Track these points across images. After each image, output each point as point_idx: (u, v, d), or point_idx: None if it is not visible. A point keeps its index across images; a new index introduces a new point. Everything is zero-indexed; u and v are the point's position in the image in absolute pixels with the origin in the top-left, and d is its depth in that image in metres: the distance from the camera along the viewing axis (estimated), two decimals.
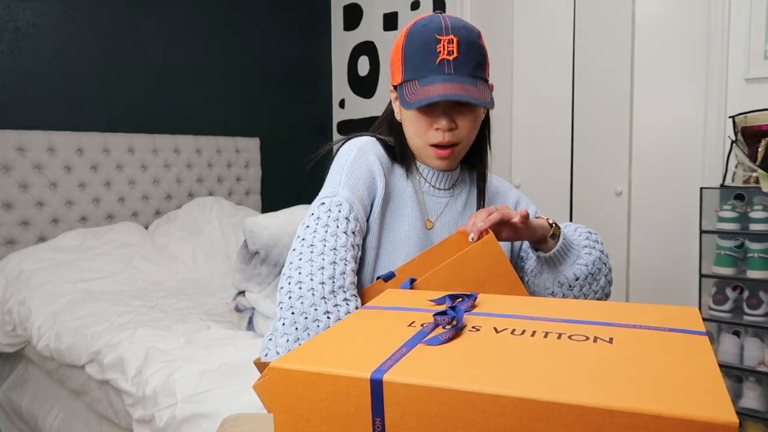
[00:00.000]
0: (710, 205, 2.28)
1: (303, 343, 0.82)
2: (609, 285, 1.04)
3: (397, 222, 0.99)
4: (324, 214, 0.92)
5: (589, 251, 1.00)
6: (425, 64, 0.91)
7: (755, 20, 2.28)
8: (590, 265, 0.99)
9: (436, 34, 0.91)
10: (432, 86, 0.89)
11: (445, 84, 0.89)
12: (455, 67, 0.91)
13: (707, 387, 0.45)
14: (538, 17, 2.95)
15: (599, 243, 1.03)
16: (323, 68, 3.87)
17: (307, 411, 0.54)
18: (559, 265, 0.99)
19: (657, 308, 0.66)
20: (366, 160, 0.98)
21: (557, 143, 2.93)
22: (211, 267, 2.71)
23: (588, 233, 1.03)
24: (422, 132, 0.96)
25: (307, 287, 0.84)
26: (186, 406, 1.43)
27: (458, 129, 0.96)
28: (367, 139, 1.02)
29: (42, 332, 2.01)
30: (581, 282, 0.99)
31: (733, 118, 2.25)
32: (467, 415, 0.47)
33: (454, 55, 0.91)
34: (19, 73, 2.53)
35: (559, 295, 1.01)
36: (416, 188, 1.03)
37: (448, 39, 0.91)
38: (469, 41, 0.93)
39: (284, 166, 3.61)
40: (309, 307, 0.83)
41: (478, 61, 0.94)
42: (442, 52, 0.90)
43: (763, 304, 2.10)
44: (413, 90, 0.91)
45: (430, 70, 0.91)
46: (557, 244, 0.97)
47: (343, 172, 0.96)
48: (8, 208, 2.50)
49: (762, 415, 2.08)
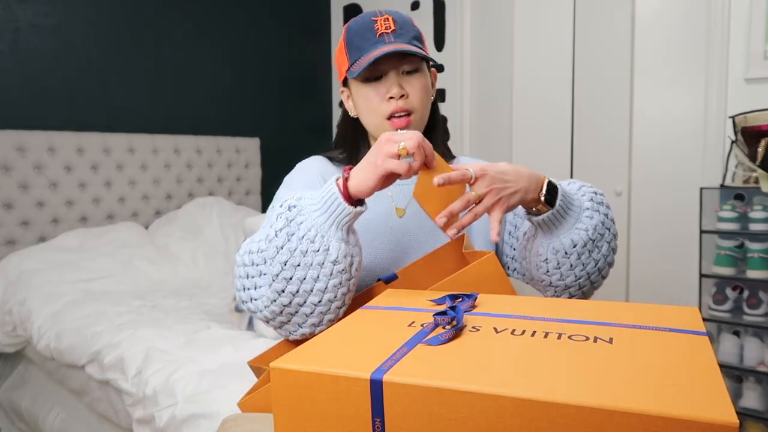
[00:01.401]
0: (710, 205, 2.28)
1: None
2: (612, 253, 0.93)
3: (360, 221, 0.98)
4: (269, 212, 0.94)
5: (590, 214, 0.89)
6: (366, 40, 0.96)
7: (755, 20, 2.28)
8: (591, 230, 0.89)
9: (371, 17, 0.97)
10: (374, 53, 0.93)
11: (386, 46, 0.94)
12: (395, 36, 0.96)
13: (707, 387, 0.45)
14: (538, 17, 2.95)
15: (604, 205, 0.92)
16: (323, 68, 3.87)
17: (307, 411, 0.54)
18: (555, 229, 0.89)
19: (657, 308, 0.66)
20: (303, 172, 1.03)
21: (557, 143, 2.93)
22: (211, 267, 2.71)
23: (593, 194, 0.92)
24: (375, 105, 0.98)
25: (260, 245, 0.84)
26: (186, 406, 1.43)
27: (409, 97, 0.98)
28: (311, 159, 1.07)
29: (42, 332, 2.01)
30: (579, 249, 0.89)
31: (733, 118, 2.25)
32: (467, 415, 0.47)
33: (392, 28, 0.96)
34: (19, 73, 2.53)
35: (552, 263, 0.90)
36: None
37: (384, 18, 0.97)
38: (403, 19, 0.98)
39: (284, 166, 3.59)
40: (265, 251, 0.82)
41: (415, 33, 0.99)
42: (380, 28, 0.96)
43: (763, 304, 2.10)
44: (359, 64, 0.95)
45: (371, 44, 0.95)
46: (553, 208, 0.87)
47: (282, 188, 1.03)
48: (8, 208, 2.50)
49: (762, 415, 2.08)
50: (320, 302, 0.80)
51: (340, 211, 0.79)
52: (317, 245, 0.78)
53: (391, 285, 0.89)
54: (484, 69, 3.23)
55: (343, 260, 0.79)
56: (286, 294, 0.80)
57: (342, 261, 0.79)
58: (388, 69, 0.96)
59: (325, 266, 0.78)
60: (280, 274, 0.79)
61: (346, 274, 0.80)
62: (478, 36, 3.23)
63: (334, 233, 0.79)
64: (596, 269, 0.92)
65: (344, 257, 0.79)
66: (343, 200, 0.79)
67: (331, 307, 0.81)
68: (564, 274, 0.90)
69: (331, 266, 0.78)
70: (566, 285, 0.92)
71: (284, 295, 0.80)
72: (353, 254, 0.81)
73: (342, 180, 0.80)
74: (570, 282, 0.91)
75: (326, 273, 0.78)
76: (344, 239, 0.80)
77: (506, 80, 3.10)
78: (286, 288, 0.79)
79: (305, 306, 0.80)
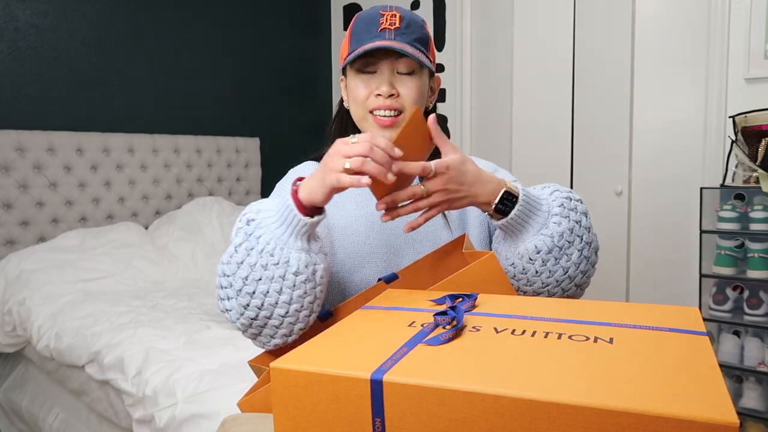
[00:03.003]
0: (710, 205, 2.28)
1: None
2: (586, 261, 0.89)
3: (352, 225, 0.99)
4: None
5: (558, 220, 0.87)
6: (368, 32, 0.94)
7: (755, 20, 2.28)
8: (556, 237, 0.86)
9: (380, 10, 0.95)
10: (371, 44, 0.92)
11: (384, 41, 0.92)
12: (396, 35, 0.93)
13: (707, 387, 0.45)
14: (538, 17, 2.95)
15: (576, 212, 0.89)
16: (323, 68, 3.87)
17: (307, 411, 0.54)
18: (519, 234, 0.87)
19: (657, 308, 0.66)
20: (290, 179, 1.03)
21: (557, 143, 2.93)
22: (211, 267, 2.71)
23: (566, 199, 0.89)
24: (363, 98, 0.97)
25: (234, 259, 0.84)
26: (186, 406, 1.43)
27: (400, 97, 0.96)
28: (303, 164, 1.07)
29: (42, 332, 2.01)
30: (544, 255, 0.86)
31: (733, 118, 2.25)
32: (467, 415, 0.47)
33: (396, 26, 0.94)
34: (19, 73, 2.53)
35: (519, 267, 0.88)
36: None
37: (391, 14, 0.94)
38: (412, 19, 0.96)
39: (284, 166, 3.59)
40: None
41: (419, 38, 0.96)
42: (384, 23, 0.94)
43: (763, 304, 2.10)
44: (354, 53, 0.94)
45: (371, 36, 0.94)
46: (510, 214, 0.85)
47: (270, 197, 1.02)
48: (8, 208, 2.49)
49: (762, 415, 2.08)
50: (287, 314, 0.80)
51: (296, 223, 0.78)
52: (277, 258, 0.78)
53: (391, 285, 0.89)
54: (484, 69, 3.23)
55: (305, 270, 0.79)
56: (251, 308, 0.80)
57: (304, 271, 0.79)
58: (384, 66, 0.95)
59: (287, 278, 0.78)
60: (243, 289, 0.79)
61: (309, 284, 0.80)
62: (478, 36, 3.23)
63: (294, 243, 0.79)
64: (566, 276, 0.88)
65: (306, 267, 0.79)
66: (298, 212, 0.78)
67: (299, 317, 0.81)
68: (530, 280, 0.88)
69: (293, 278, 0.78)
70: (534, 291, 0.90)
71: (250, 309, 0.80)
72: (315, 262, 0.81)
73: (292, 191, 0.80)
74: (537, 288, 0.89)
75: (289, 285, 0.78)
76: (305, 248, 0.79)
77: (506, 80, 3.10)
78: (250, 302, 0.79)
79: (273, 319, 0.80)
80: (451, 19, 3.27)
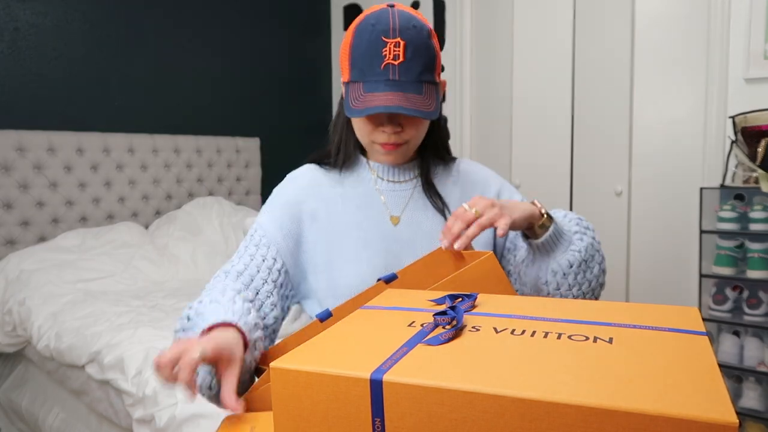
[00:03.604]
0: (710, 205, 2.28)
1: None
2: (603, 274, 0.98)
3: (352, 229, 0.99)
4: (248, 237, 1.01)
5: (580, 237, 0.95)
6: (370, 67, 0.89)
7: (755, 20, 2.28)
8: (583, 251, 0.94)
9: (383, 36, 0.88)
10: (374, 94, 0.88)
11: (387, 94, 0.87)
12: (400, 72, 0.88)
13: (707, 387, 0.45)
14: (538, 17, 2.95)
15: (590, 229, 0.98)
16: (323, 68, 3.87)
17: (307, 411, 0.54)
18: (552, 252, 0.94)
19: (657, 308, 0.66)
20: (290, 187, 1.04)
21: (557, 143, 2.93)
22: (211, 267, 2.71)
23: (578, 219, 0.99)
24: (367, 133, 0.97)
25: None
26: (186, 406, 1.43)
27: (404, 131, 0.95)
28: (302, 168, 1.07)
29: (42, 332, 2.01)
30: (575, 269, 0.93)
31: (733, 118, 2.25)
32: (467, 415, 0.47)
33: (400, 59, 0.88)
34: (19, 73, 2.53)
35: (552, 284, 0.94)
36: (371, 190, 1.03)
37: (395, 42, 0.88)
38: (416, 44, 0.89)
39: (284, 166, 3.60)
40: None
41: (425, 63, 0.90)
42: (388, 56, 0.88)
43: (763, 304, 2.10)
44: (357, 96, 0.90)
45: (374, 74, 0.89)
46: (549, 230, 0.92)
47: (266, 205, 1.04)
48: (8, 208, 2.50)
49: (762, 415, 2.08)
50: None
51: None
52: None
53: (390, 285, 0.89)
54: (484, 69, 3.23)
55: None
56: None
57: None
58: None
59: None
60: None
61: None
62: (478, 36, 3.24)
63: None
64: (590, 289, 0.96)
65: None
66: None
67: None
68: (563, 295, 0.94)
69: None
70: None
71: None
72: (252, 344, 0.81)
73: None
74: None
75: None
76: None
77: (506, 80, 3.10)
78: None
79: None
80: (451, 19, 3.27)
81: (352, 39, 0.92)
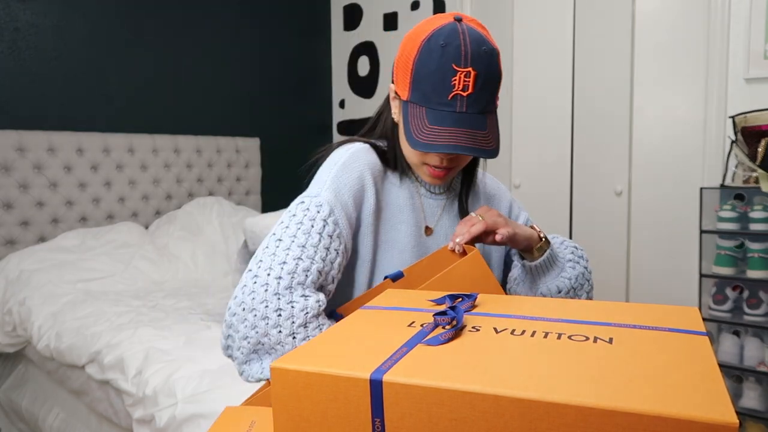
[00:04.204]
0: (710, 205, 2.28)
1: (262, 347, 0.79)
2: None
3: (393, 231, 0.97)
4: (300, 212, 0.88)
5: (573, 265, 1.00)
6: (436, 95, 0.84)
7: (755, 20, 2.28)
8: (573, 279, 0.99)
9: (454, 63, 0.82)
10: (440, 129, 0.84)
11: (454, 131, 0.83)
12: (468, 104, 0.84)
13: (707, 387, 0.45)
14: (538, 17, 2.95)
15: (584, 259, 1.02)
16: (323, 68, 3.87)
17: (307, 411, 0.54)
18: (543, 276, 0.98)
19: (657, 308, 0.66)
20: (356, 167, 0.93)
21: (557, 143, 2.93)
22: (211, 267, 2.71)
23: (574, 248, 1.03)
24: (419, 155, 0.93)
25: (262, 282, 0.80)
26: (186, 406, 1.43)
27: (456, 158, 0.93)
28: (360, 146, 0.97)
29: (42, 332, 2.01)
30: (563, 295, 0.98)
31: (733, 118, 2.25)
32: (467, 415, 0.47)
33: (469, 90, 0.83)
34: (19, 73, 2.53)
35: None
36: (413, 193, 1.01)
37: (466, 72, 0.82)
38: (486, 74, 0.84)
39: (284, 166, 3.61)
40: (259, 304, 0.79)
41: (492, 92, 0.87)
42: (457, 86, 0.83)
43: (763, 303, 2.10)
44: (421, 126, 0.85)
45: (440, 104, 0.84)
46: (543, 255, 0.96)
47: (331, 174, 0.92)
48: (8, 208, 2.50)
49: (762, 415, 2.08)
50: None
51: None
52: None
53: (397, 282, 0.90)
54: None
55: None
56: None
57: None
58: None
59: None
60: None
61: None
62: None
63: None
64: None
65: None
66: None
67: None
68: None
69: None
70: None
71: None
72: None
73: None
74: None
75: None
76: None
77: (506, 80, 3.10)
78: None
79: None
80: None
81: (417, 54, 0.86)
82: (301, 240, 0.84)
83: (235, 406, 0.74)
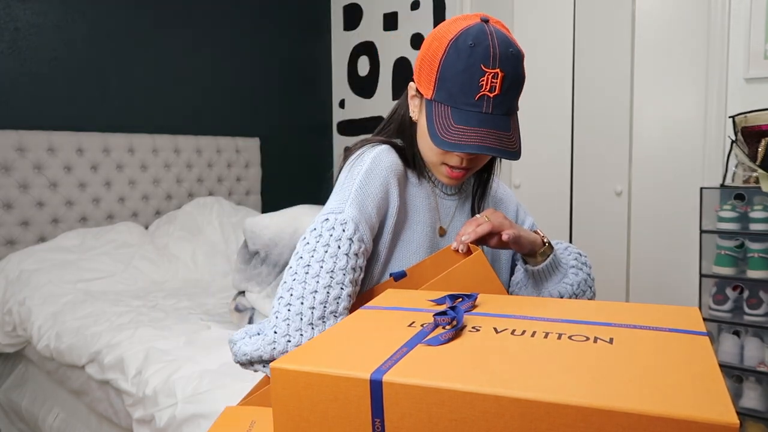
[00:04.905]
0: (710, 205, 2.28)
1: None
2: None
3: (409, 231, 0.97)
4: (326, 231, 0.86)
5: (575, 272, 1.00)
6: (463, 95, 0.84)
7: (755, 20, 2.28)
8: (575, 286, 0.99)
9: (482, 64, 0.83)
10: (466, 129, 0.84)
11: (479, 131, 0.83)
12: (494, 105, 0.84)
13: (707, 387, 0.45)
14: (538, 17, 2.95)
15: (587, 266, 1.03)
16: (323, 68, 3.87)
17: (307, 411, 0.54)
18: (545, 281, 0.99)
19: (657, 308, 0.66)
20: (379, 173, 0.91)
21: (557, 143, 2.93)
22: (211, 267, 2.71)
23: (578, 254, 1.03)
24: (438, 154, 0.92)
25: (296, 311, 0.80)
26: (186, 406, 1.43)
27: (475, 158, 0.93)
28: (381, 149, 0.95)
29: (42, 332, 2.01)
30: None
31: (733, 118, 2.25)
32: (467, 416, 0.47)
33: (496, 92, 0.84)
34: (19, 73, 2.53)
35: None
36: (428, 193, 1.00)
37: (494, 73, 0.83)
38: (513, 76, 0.85)
39: (284, 166, 3.61)
40: (295, 332, 0.79)
41: (516, 94, 0.88)
42: (484, 87, 0.83)
43: (763, 304, 2.10)
44: (446, 125, 0.85)
45: (466, 104, 0.84)
46: (547, 259, 0.97)
47: (354, 187, 0.90)
48: (8, 208, 2.50)
49: (762, 415, 2.08)
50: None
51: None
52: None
53: (400, 281, 0.90)
54: None
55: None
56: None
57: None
58: None
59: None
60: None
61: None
62: None
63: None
64: None
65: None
66: None
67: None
68: None
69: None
70: None
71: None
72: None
73: None
74: None
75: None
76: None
77: None
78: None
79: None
80: None
81: (444, 54, 0.86)
82: (329, 265, 0.83)
83: (235, 406, 0.74)
